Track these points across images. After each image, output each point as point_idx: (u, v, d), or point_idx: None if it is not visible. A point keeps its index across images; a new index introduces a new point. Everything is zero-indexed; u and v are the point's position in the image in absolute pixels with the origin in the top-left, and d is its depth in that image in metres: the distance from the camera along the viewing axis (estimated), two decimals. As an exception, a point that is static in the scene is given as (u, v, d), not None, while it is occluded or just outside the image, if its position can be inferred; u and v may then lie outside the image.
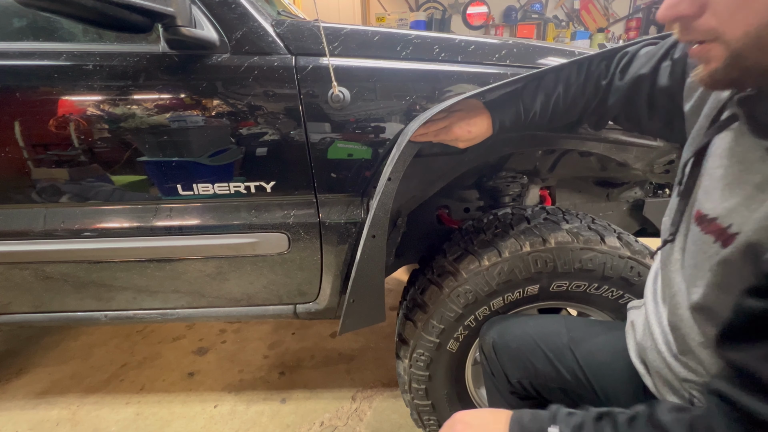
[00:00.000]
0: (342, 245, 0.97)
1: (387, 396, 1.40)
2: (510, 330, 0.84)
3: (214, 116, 0.86)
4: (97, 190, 0.93)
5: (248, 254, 0.97)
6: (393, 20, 6.98)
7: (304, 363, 1.57)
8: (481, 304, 0.96)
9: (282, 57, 0.85)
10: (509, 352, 0.80)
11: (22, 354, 1.67)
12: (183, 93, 0.86)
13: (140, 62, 0.85)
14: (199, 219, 0.95)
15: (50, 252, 0.97)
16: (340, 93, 0.84)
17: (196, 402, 1.40)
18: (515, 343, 0.80)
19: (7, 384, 1.51)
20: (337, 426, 1.29)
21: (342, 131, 0.88)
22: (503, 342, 0.82)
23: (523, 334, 0.81)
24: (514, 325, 0.85)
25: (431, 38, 0.91)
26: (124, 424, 1.32)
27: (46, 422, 1.34)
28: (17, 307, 1.08)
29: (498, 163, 1.17)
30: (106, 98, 0.86)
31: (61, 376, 1.54)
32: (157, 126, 0.86)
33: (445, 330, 0.98)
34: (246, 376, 1.51)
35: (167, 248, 0.97)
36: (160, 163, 0.90)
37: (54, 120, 0.86)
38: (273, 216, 0.94)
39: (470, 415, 0.59)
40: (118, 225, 0.95)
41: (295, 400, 1.39)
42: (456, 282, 0.95)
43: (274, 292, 1.04)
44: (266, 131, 0.87)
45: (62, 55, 0.85)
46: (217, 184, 0.91)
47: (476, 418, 0.59)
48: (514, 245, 0.94)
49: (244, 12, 0.85)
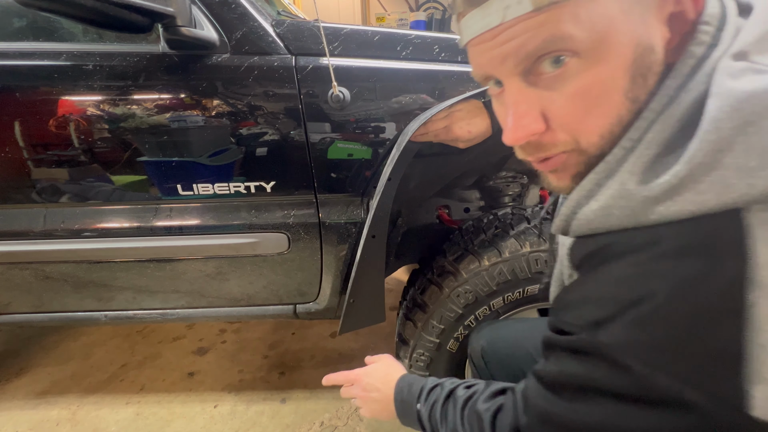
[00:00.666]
0: (342, 245, 0.97)
1: (387, 396, 1.40)
2: (500, 336, 0.81)
3: (214, 116, 0.86)
4: (97, 190, 0.93)
5: (248, 254, 0.97)
6: (393, 20, 6.98)
7: (304, 363, 1.57)
8: (481, 304, 0.96)
9: (282, 57, 0.85)
10: (498, 359, 0.78)
11: (22, 354, 1.67)
12: (183, 93, 0.86)
13: (140, 62, 0.85)
14: (199, 219, 0.95)
15: (50, 252, 0.97)
16: (340, 93, 0.84)
17: (196, 402, 1.40)
18: (505, 350, 0.78)
19: (7, 384, 1.51)
20: (337, 426, 1.29)
21: (342, 131, 0.88)
22: (492, 349, 0.80)
23: (514, 339, 0.78)
24: (504, 331, 0.82)
25: (431, 38, 0.91)
26: (124, 424, 1.32)
27: (46, 422, 1.34)
28: (17, 307, 1.08)
29: (498, 163, 1.17)
30: (106, 98, 0.86)
31: (61, 376, 1.54)
32: (157, 126, 0.86)
33: (445, 330, 0.98)
34: (246, 376, 1.51)
35: (167, 248, 0.97)
36: (160, 163, 0.90)
37: (54, 120, 0.86)
38: (273, 216, 0.94)
39: (371, 375, 0.71)
40: (118, 225, 0.95)
41: (295, 400, 1.39)
42: (456, 282, 0.95)
43: (274, 292, 1.04)
44: (266, 131, 0.87)
45: (62, 55, 0.85)
46: (217, 184, 0.91)
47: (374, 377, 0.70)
48: (514, 245, 0.94)
49: (244, 12, 0.85)
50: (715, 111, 0.29)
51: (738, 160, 0.28)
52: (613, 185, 0.33)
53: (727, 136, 0.28)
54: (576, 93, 0.34)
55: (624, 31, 0.32)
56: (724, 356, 0.28)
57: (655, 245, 0.30)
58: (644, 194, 0.31)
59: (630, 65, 0.33)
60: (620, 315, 0.31)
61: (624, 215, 0.32)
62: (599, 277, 0.34)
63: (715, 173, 0.29)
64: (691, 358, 0.29)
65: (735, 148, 0.28)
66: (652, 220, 0.31)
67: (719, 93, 0.29)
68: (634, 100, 0.34)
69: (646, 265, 0.31)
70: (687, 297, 0.29)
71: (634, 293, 0.31)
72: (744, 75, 0.29)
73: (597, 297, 0.34)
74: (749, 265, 0.27)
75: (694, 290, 0.28)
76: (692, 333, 0.28)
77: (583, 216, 0.35)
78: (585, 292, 0.36)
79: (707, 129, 0.29)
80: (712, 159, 0.29)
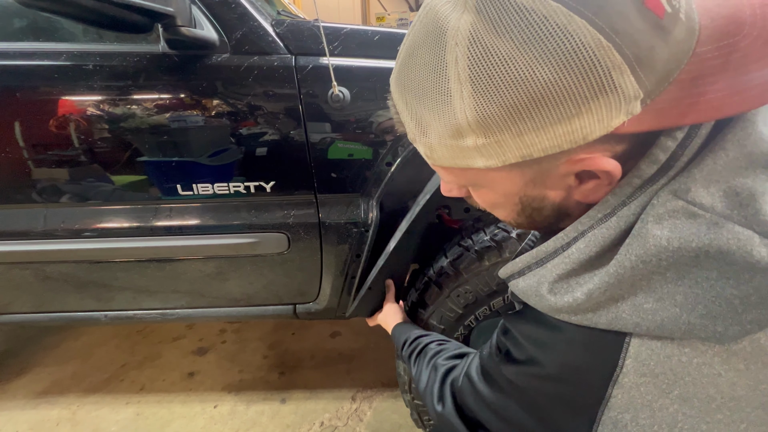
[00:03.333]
0: (342, 245, 0.97)
1: (387, 396, 1.40)
2: None
3: (214, 116, 0.86)
4: (97, 190, 0.93)
5: (248, 254, 0.97)
6: (393, 20, 6.98)
7: (304, 363, 1.57)
8: (481, 304, 0.96)
9: (282, 57, 0.85)
10: None
11: (22, 354, 1.67)
12: (183, 93, 0.86)
13: (140, 62, 0.85)
14: (198, 219, 0.95)
15: (50, 252, 0.97)
16: (340, 93, 0.84)
17: (196, 402, 1.40)
18: None
19: (7, 384, 1.51)
20: (337, 426, 1.29)
21: (342, 131, 0.88)
22: None
23: None
24: None
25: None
26: (124, 424, 1.32)
27: (46, 422, 1.33)
28: (17, 307, 1.08)
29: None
30: (106, 98, 0.86)
31: (62, 376, 1.54)
32: (157, 126, 0.86)
33: (445, 330, 0.98)
34: (246, 376, 1.51)
35: (167, 248, 0.97)
36: (159, 163, 0.90)
37: (54, 120, 0.86)
38: (273, 216, 0.94)
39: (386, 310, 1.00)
40: (118, 225, 0.95)
41: (295, 400, 1.39)
42: (456, 282, 0.95)
43: (273, 292, 1.04)
44: (266, 131, 0.87)
45: (62, 55, 0.85)
46: (217, 184, 0.91)
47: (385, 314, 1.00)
48: (514, 245, 0.94)
49: (244, 12, 0.85)
50: (624, 255, 0.31)
51: (636, 300, 0.31)
52: (535, 278, 0.38)
53: (628, 283, 0.31)
54: (481, 198, 0.40)
55: (507, 188, 0.36)
56: (583, 413, 0.36)
57: (559, 332, 0.37)
58: (551, 303, 0.36)
59: (520, 210, 0.39)
60: (522, 364, 0.40)
61: (538, 305, 0.38)
62: (519, 322, 0.43)
63: (613, 306, 0.32)
64: (559, 407, 0.38)
65: (635, 292, 0.31)
66: (558, 317, 0.37)
67: (637, 235, 0.30)
68: (536, 209, 0.38)
69: (548, 339, 0.38)
70: (568, 377, 0.37)
71: (533, 354, 0.39)
72: (670, 219, 0.29)
73: (512, 336, 0.43)
74: (617, 373, 0.33)
75: (575, 373, 0.36)
76: (565, 395, 0.37)
77: (513, 285, 0.42)
78: (510, 324, 0.44)
79: (611, 272, 0.32)
80: (610, 296, 0.32)
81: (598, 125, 0.28)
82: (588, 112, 0.27)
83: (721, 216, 0.28)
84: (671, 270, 0.30)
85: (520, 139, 0.30)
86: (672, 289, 0.30)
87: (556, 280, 0.36)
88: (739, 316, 0.28)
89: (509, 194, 0.37)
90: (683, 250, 0.29)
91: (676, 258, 0.29)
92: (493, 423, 0.45)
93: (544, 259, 0.37)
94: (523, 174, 0.34)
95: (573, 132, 0.28)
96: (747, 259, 0.27)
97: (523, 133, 0.29)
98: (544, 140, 0.29)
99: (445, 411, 0.52)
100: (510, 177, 0.35)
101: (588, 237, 0.34)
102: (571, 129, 0.28)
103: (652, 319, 0.31)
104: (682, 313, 0.30)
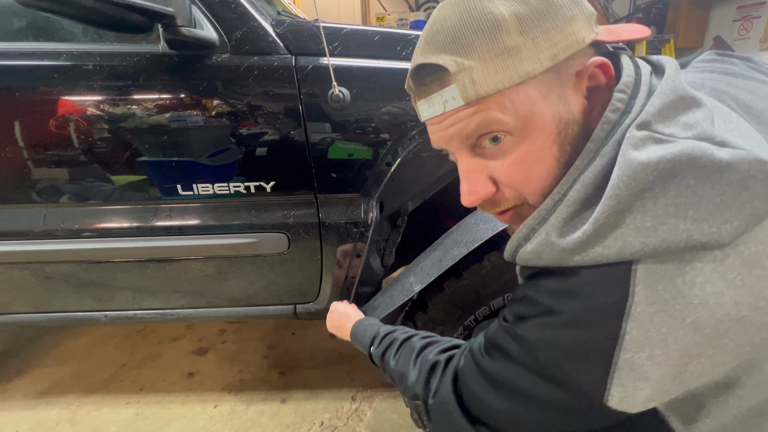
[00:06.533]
0: (342, 245, 0.97)
1: (387, 396, 1.40)
2: None
3: (214, 116, 0.86)
4: (97, 190, 0.93)
5: (248, 254, 0.97)
6: (393, 20, 6.97)
7: (304, 363, 1.57)
8: (481, 304, 0.96)
9: (282, 57, 0.85)
10: None
11: (22, 354, 1.67)
12: (183, 93, 0.86)
13: (140, 62, 0.85)
14: (198, 219, 0.95)
15: (50, 252, 0.97)
16: (340, 93, 0.84)
17: (196, 402, 1.40)
18: None
19: (7, 384, 1.51)
20: (337, 426, 1.29)
21: (342, 131, 0.88)
22: None
23: None
24: None
25: (431, 38, 0.90)
26: (124, 424, 1.32)
27: (46, 422, 1.33)
28: (17, 307, 1.08)
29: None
30: (106, 98, 0.86)
31: (61, 376, 1.54)
32: (157, 126, 0.86)
33: (445, 330, 0.98)
34: (246, 376, 1.51)
35: (167, 248, 0.97)
36: (159, 163, 0.90)
37: (54, 120, 0.86)
38: (273, 216, 0.94)
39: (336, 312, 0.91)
40: (118, 225, 0.95)
41: (295, 400, 1.39)
42: (456, 282, 0.95)
43: (273, 292, 1.04)
44: (266, 131, 0.87)
45: (62, 55, 0.85)
46: (217, 184, 0.91)
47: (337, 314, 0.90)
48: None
49: (244, 12, 0.85)
50: (615, 179, 0.35)
51: (635, 221, 0.35)
52: (542, 233, 0.40)
53: (625, 202, 0.35)
54: (514, 162, 0.42)
55: (545, 111, 0.40)
56: (598, 361, 0.37)
57: (575, 276, 0.39)
58: (562, 246, 0.38)
59: (556, 137, 0.41)
60: (537, 317, 0.41)
61: (550, 258, 0.40)
62: (533, 285, 0.43)
63: (617, 231, 0.35)
64: (573, 358, 0.38)
65: (633, 211, 0.35)
66: (572, 264, 0.38)
67: (621, 162, 0.36)
68: (567, 164, 0.41)
69: (566, 288, 0.39)
70: (586, 319, 0.37)
71: (551, 305, 0.39)
72: (645, 145, 0.36)
73: (527, 298, 0.43)
74: (629, 302, 0.35)
75: (591, 314, 0.37)
76: (580, 342, 0.37)
77: (522, 254, 0.43)
78: (521, 293, 0.45)
79: (609, 195, 0.36)
80: (614, 220, 0.36)
81: (585, 32, 0.40)
82: (578, 18, 0.40)
83: (681, 137, 0.35)
84: (657, 184, 0.34)
85: (547, 37, 0.38)
86: (663, 202, 0.34)
87: (563, 224, 0.39)
88: (723, 213, 0.33)
89: (545, 124, 0.40)
90: (662, 163, 0.34)
91: (658, 171, 0.34)
92: (495, 404, 0.44)
93: (546, 216, 0.41)
94: (551, 87, 0.40)
95: (576, 33, 0.39)
96: (712, 160, 0.33)
97: (549, 30, 0.38)
98: (561, 39, 0.39)
99: (443, 401, 0.51)
100: (544, 92, 0.40)
101: (580, 180, 0.39)
102: (574, 30, 0.39)
103: (654, 235, 0.34)
104: (678, 222, 0.34)
